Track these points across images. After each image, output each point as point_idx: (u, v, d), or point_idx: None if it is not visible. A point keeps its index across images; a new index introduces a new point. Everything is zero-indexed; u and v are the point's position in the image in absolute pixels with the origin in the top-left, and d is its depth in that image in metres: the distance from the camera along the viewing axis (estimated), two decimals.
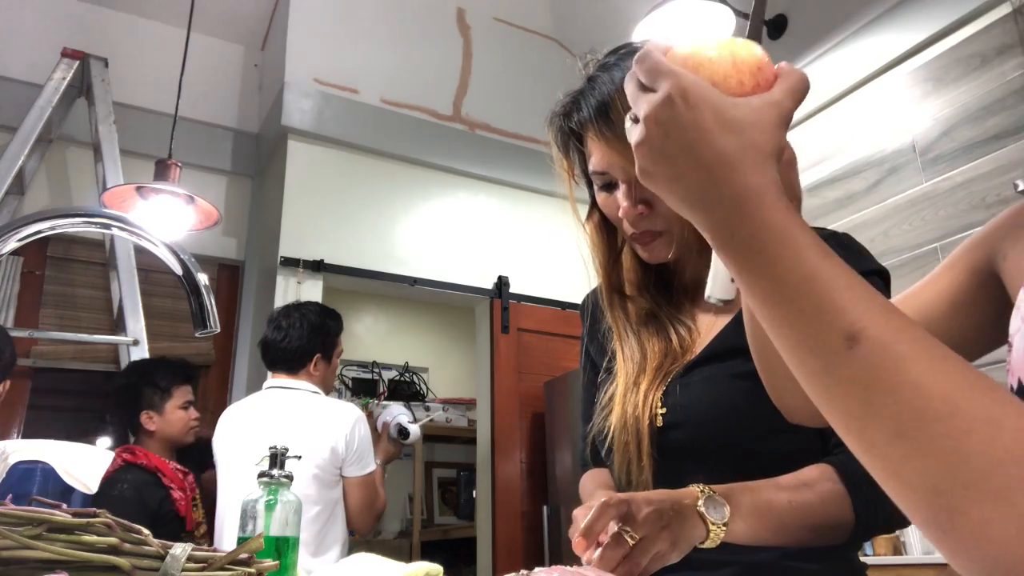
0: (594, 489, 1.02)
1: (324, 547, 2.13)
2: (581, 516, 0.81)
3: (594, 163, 0.91)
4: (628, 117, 0.52)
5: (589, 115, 0.90)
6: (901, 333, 0.40)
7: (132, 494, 2.11)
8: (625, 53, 0.93)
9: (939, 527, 0.37)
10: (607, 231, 1.00)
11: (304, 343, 2.29)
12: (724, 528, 0.74)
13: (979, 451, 0.36)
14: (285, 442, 2.02)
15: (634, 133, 0.51)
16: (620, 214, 0.89)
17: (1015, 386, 0.56)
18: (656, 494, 0.75)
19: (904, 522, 0.89)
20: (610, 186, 0.92)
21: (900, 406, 0.38)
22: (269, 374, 2.37)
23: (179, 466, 2.29)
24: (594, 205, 0.99)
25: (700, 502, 0.75)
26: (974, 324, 0.67)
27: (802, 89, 0.51)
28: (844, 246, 0.91)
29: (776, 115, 0.49)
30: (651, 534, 0.71)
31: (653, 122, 0.49)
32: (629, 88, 0.52)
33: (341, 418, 2.20)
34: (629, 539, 0.70)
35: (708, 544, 0.74)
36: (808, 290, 0.43)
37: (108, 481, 2.06)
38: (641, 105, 0.51)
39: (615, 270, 1.01)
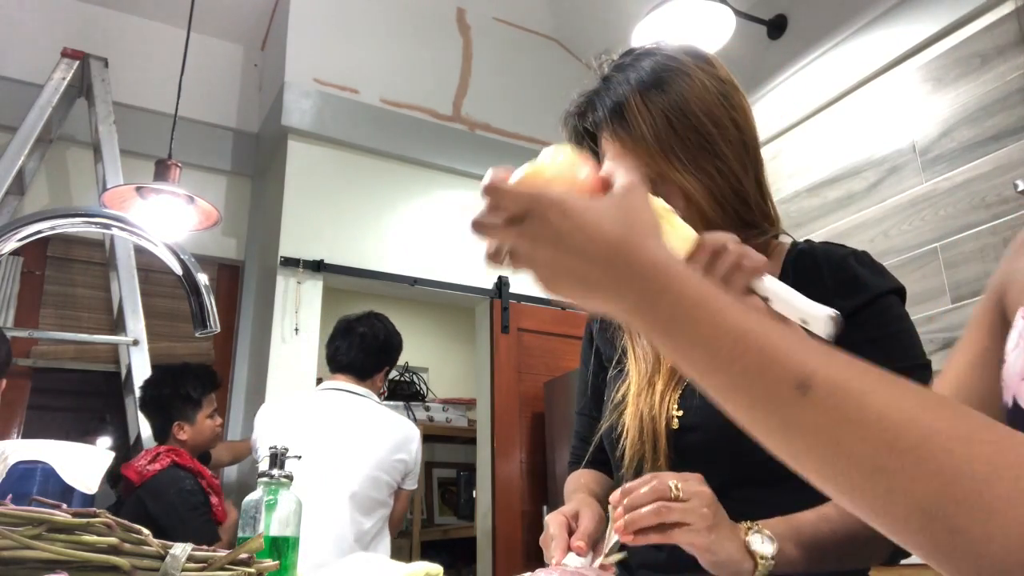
0: (573, 491, 1.00)
1: (374, 549, 2.20)
2: (554, 523, 0.80)
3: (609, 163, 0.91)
4: (504, 253, 0.52)
5: (604, 115, 0.90)
6: (849, 369, 0.40)
7: (198, 489, 2.21)
8: (640, 54, 0.92)
9: (939, 550, 0.36)
10: None
11: (380, 354, 2.43)
12: (773, 561, 0.71)
13: (963, 470, 0.35)
14: (363, 446, 2.14)
15: (524, 269, 0.51)
16: None
17: (1010, 404, 0.55)
18: None
19: None
20: None
21: (871, 441, 0.37)
22: (331, 375, 2.44)
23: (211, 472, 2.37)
24: None
25: (747, 535, 0.72)
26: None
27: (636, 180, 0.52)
28: (864, 264, 0.89)
29: (640, 195, 0.50)
30: (694, 506, 0.69)
31: (533, 247, 0.49)
32: (492, 230, 0.51)
33: (411, 433, 2.37)
34: (677, 491, 0.69)
35: None
36: (745, 348, 0.42)
37: (171, 477, 2.18)
38: (513, 240, 0.50)
39: None
